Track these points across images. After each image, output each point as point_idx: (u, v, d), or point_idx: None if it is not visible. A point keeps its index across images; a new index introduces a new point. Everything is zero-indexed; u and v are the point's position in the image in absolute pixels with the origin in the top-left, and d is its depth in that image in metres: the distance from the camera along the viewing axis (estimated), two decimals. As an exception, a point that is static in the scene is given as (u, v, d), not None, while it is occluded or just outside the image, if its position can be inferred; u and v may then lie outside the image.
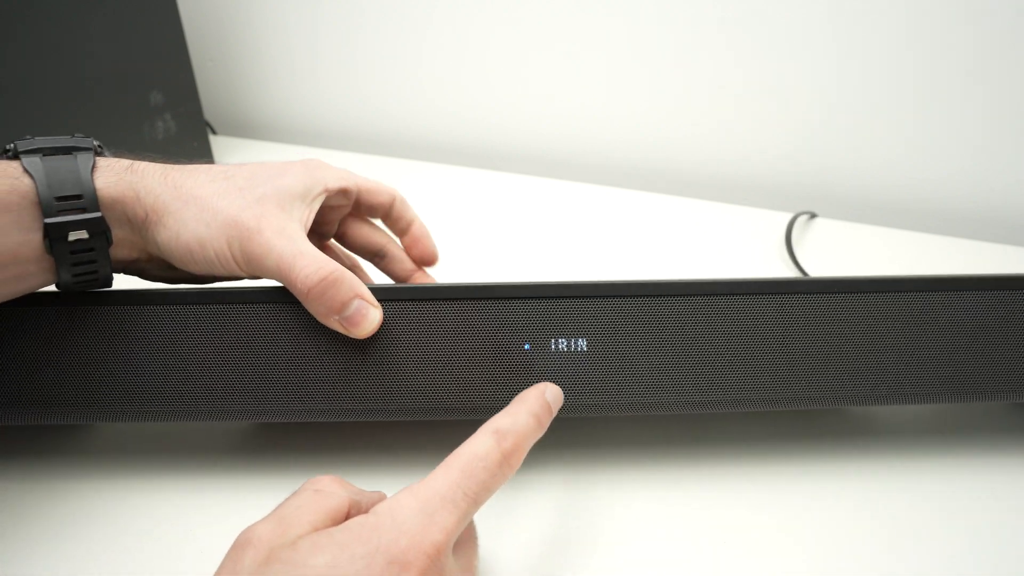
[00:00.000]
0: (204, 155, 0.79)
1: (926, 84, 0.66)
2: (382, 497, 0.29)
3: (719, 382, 0.36)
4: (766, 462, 0.40)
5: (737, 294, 0.36)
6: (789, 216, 0.69)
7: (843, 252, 0.64)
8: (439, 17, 0.79)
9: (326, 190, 0.39)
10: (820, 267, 0.61)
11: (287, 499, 0.27)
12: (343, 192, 0.41)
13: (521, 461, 0.29)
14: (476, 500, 0.27)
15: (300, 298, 0.34)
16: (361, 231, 0.45)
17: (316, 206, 0.38)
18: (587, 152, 0.82)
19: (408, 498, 0.26)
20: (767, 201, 0.75)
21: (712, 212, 0.72)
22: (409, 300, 0.35)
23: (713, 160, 0.77)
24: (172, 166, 0.35)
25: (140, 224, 0.34)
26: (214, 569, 0.25)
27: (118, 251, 0.34)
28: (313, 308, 0.34)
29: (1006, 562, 0.35)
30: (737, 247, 0.65)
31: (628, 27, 0.73)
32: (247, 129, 0.95)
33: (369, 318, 0.34)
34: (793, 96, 0.71)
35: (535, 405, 0.31)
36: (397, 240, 0.46)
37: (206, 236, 0.33)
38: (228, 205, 0.34)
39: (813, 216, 0.71)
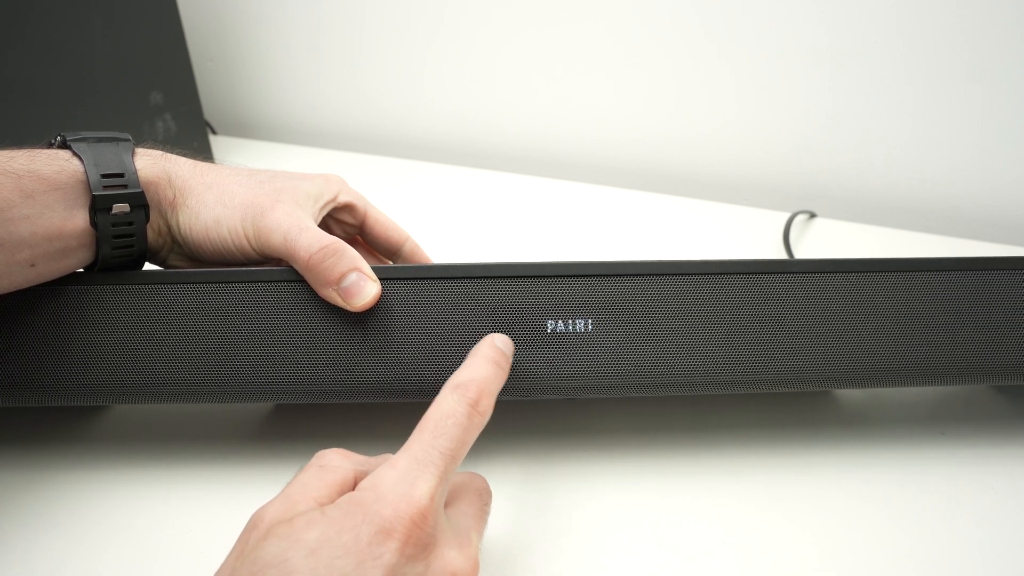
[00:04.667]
0: (204, 155, 0.79)
1: (925, 83, 0.66)
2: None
3: (721, 363, 0.37)
4: (760, 452, 0.41)
5: (738, 273, 0.37)
6: (788, 215, 0.69)
7: (842, 252, 0.64)
8: (440, 17, 0.79)
9: (335, 199, 0.42)
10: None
11: (295, 476, 0.28)
12: (349, 208, 0.43)
13: (491, 408, 0.30)
14: (454, 456, 0.28)
15: (300, 269, 0.35)
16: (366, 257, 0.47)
17: (324, 211, 0.41)
18: (587, 152, 0.82)
19: (388, 470, 0.27)
20: (766, 201, 0.75)
21: (711, 212, 0.72)
22: (410, 279, 0.36)
23: (712, 160, 0.77)
24: (201, 161, 0.39)
25: (168, 206, 0.37)
26: (215, 563, 0.26)
27: (147, 234, 0.36)
28: (312, 278, 0.35)
29: (1004, 545, 0.35)
30: (736, 247, 0.65)
31: (628, 27, 0.73)
32: (247, 129, 0.95)
33: (366, 291, 0.34)
34: (792, 96, 0.71)
35: (488, 351, 0.33)
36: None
37: (222, 215, 0.37)
38: (246, 191, 0.37)
39: (813, 216, 0.71)
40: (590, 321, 0.36)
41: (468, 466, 0.40)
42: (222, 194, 0.37)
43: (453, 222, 0.70)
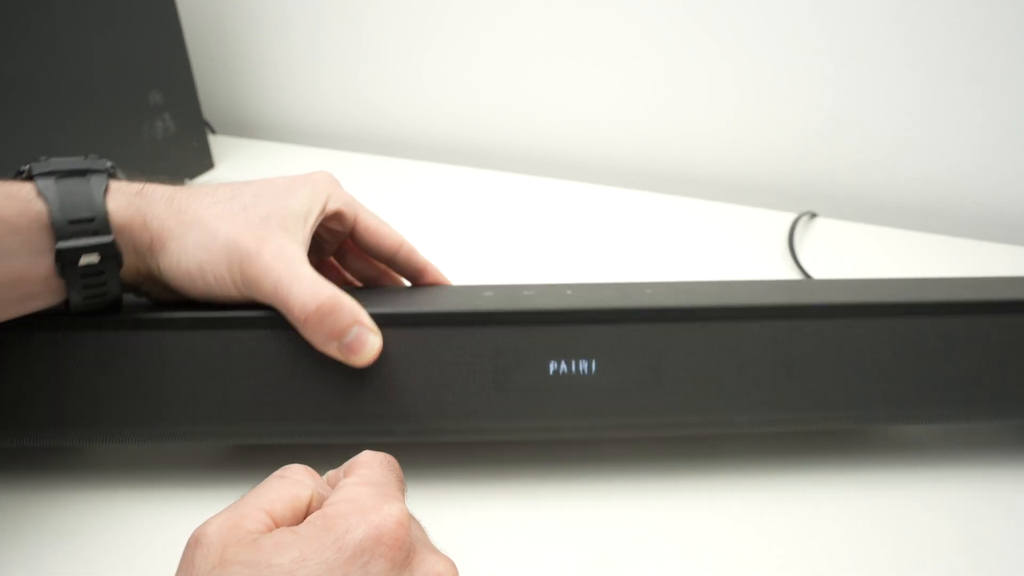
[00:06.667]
0: (203, 155, 0.79)
1: (926, 83, 0.66)
2: None
3: (729, 405, 0.36)
4: (762, 472, 0.40)
5: (752, 319, 0.35)
6: (789, 215, 0.69)
7: (843, 252, 0.64)
8: (440, 17, 0.79)
9: (324, 210, 0.38)
10: (821, 267, 0.61)
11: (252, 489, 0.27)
12: (337, 216, 0.40)
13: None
14: (402, 486, 0.29)
15: (297, 326, 0.33)
16: (357, 262, 0.44)
17: (316, 224, 0.38)
18: (588, 152, 0.82)
19: (357, 486, 0.26)
20: (767, 200, 0.75)
21: (713, 212, 0.72)
22: (410, 326, 0.34)
23: (714, 160, 0.77)
24: (180, 188, 0.35)
25: (145, 250, 0.34)
26: None
27: (123, 274, 0.34)
28: (310, 336, 0.33)
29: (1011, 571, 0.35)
30: (738, 247, 0.65)
31: (628, 27, 0.72)
32: (247, 129, 0.95)
33: (369, 345, 0.33)
34: (794, 96, 0.70)
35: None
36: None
37: (206, 260, 0.33)
38: (229, 227, 0.34)
39: (813, 216, 0.71)
40: (594, 362, 0.35)
41: (452, 482, 0.40)
42: (203, 234, 0.33)
43: (453, 222, 0.69)
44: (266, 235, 0.34)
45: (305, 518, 0.26)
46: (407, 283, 0.44)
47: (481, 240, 0.66)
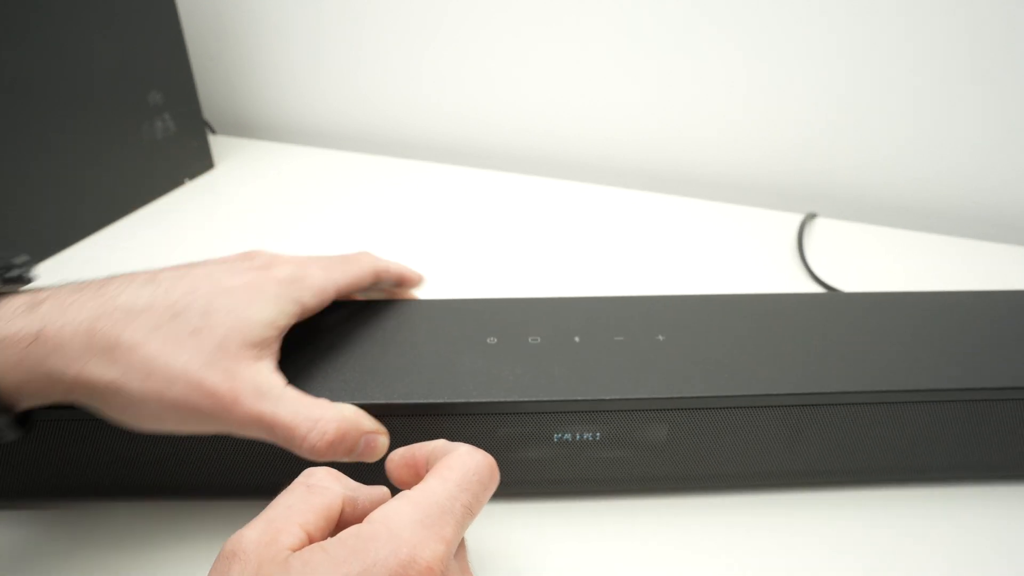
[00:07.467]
0: (203, 155, 0.78)
1: (926, 82, 0.66)
2: (383, 495, 0.28)
3: (732, 473, 0.38)
4: (776, 492, 0.40)
5: (761, 407, 0.35)
6: (790, 215, 0.69)
7: (845, 252, 0.64)
8: (440, 17, 0.79)
9: (302, 311, 0.34)
10: (824, 268, 0.61)
11: (279, 496, 0.26)
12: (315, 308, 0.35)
13: (496, 484, 0.29)
14: (472, 511, 0.27)
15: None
16: None
17: (290, 323, 0.33)
18: (588, 152, 0.82)
19: (406, 506, 0.25)
20: (768, 200, 0.75)
21: (713, 212, 0.72)
22: (409, 416, 0.34)
23: (714, 160, 0.77)
24: (104, 300, 0.29)
25: (62, 394, 0.28)
26: None
27: (35, 400, 0.29)
28: (324, 460, 0.31)
29: None
30: (741, 247, 0.65)
31: (628, 28, 0.72)
32: (247, 128, 0.95)
33: (379, 447, 0.32)
34: (795, 96, 0.70)
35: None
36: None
37: (162, 412, 0.29)
38: (186, 364, 0.28)
39: (813, 216, 0.71)
40: (598, 433, 0.36)
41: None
42: (150, 381, 0.28)
43: (453, 222, 0.69)
44: (232, 369, 0.29)
45: (338, 524, 0.26)
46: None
47: (481, 240, 0.66)
